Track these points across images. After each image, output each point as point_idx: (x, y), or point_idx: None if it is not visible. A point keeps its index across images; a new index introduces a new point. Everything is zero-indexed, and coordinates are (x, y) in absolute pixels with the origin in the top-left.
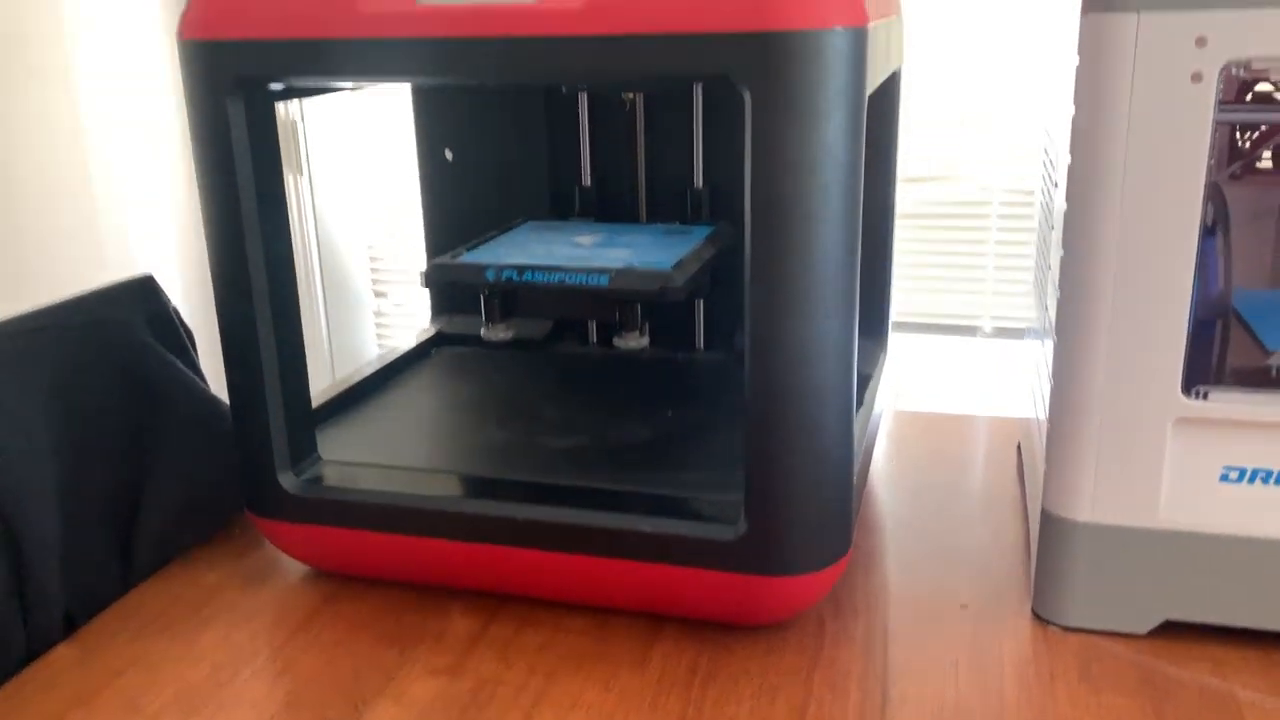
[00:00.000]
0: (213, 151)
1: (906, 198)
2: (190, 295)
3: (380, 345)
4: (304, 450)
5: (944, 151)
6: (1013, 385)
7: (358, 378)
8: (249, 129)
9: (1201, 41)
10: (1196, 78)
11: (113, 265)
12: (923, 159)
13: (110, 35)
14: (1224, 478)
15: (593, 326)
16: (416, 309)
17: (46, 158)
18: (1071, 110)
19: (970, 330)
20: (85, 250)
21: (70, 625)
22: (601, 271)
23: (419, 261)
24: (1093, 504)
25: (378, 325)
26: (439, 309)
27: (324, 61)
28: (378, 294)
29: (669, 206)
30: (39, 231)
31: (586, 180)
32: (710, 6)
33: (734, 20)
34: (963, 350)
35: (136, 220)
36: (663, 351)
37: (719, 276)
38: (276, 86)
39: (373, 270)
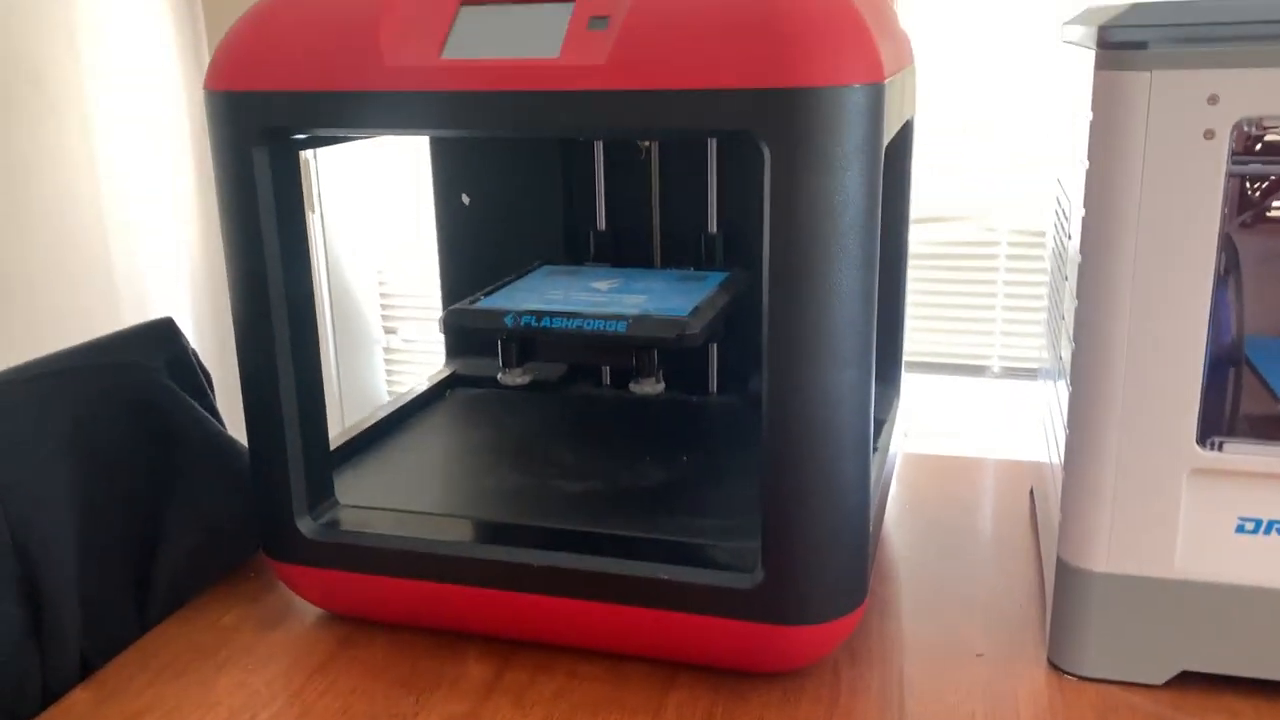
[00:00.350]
0: (237, 199)
1: (915, 238)
2: (203, 338)
3: (389, 382)
4: (322, 494)
5: (953, 192)
6: (1022, 426)
7: (373, 419)
8: (273, 177)
9: (1214, 100)
10: (1209, 134)
11: (127, 308)
12: (931, 198)
13: (127, 77)
14: (1239, 528)
15: (606, 369)
16: (427, 346)
17: (63, 195)
18: (1086, 164)
19: (979, 370)
20: (99, 292)
21: (86, 667)
22: (619, 318)
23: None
24: (1109, 554)
25: (387, 362)
26: (454, 350)
27: (349, 114)
28: (388, 330)
29: (683, 251)
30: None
31: (602, 224)
32: (731, 63)
33: (755, 77)
34: (971, 390)
35: (149, 262)
36: (677, 395)
37: (733, 321)
38: (300, 136)
39: (383, 306)
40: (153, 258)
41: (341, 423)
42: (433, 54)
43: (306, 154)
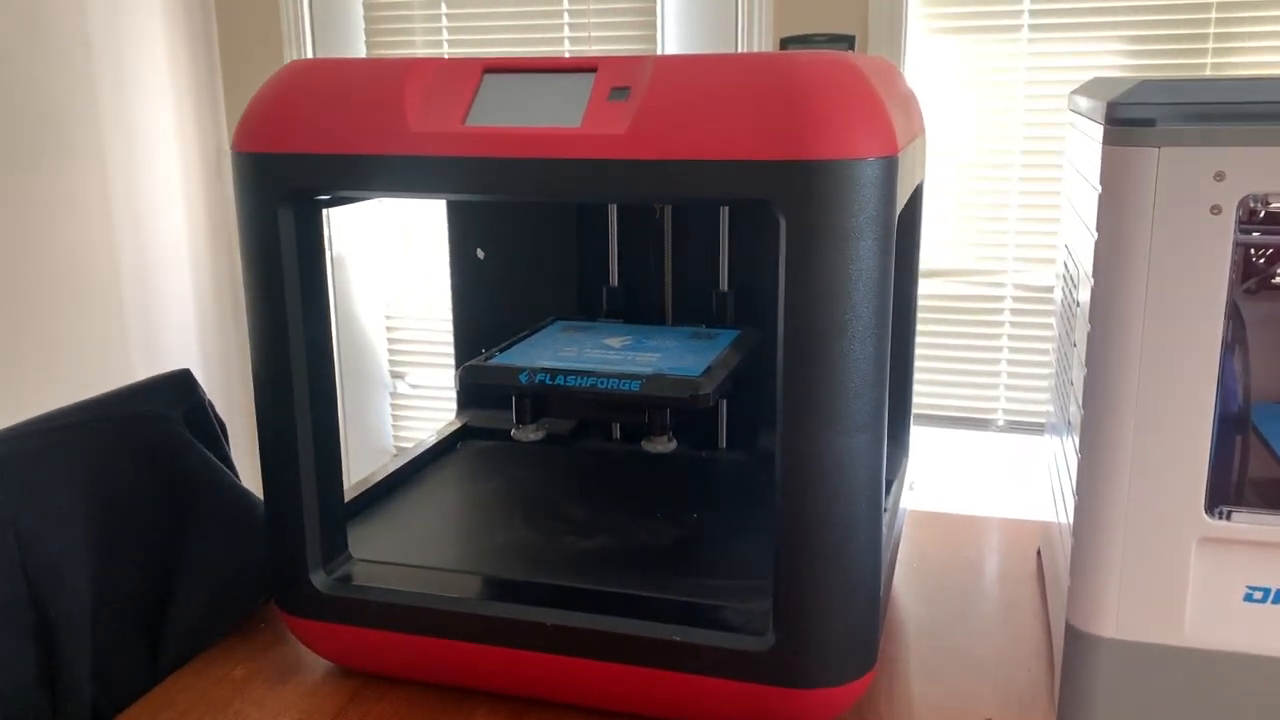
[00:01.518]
0: (261, 257)
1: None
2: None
3: (396, 427)
4: (336, 549)
5: (957, 248)
6: (1027, 480)
7: (386, 471)
8: (297, 236)
9: (1220, 176)
10: (1216, 210)
11: (137, 354)
12: (935, 252)
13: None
14: (1248, 597)
15: (617, 424)
16: (434, 391)
17: (79, 242)
18: (1094, 235)
19: (983, 424)
20: (112, 338)
21: (97, 717)
22: (632, 378)
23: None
24: (1118, 621)
25: (394, 406)
26: (465, 402)
27: (373, 177)
28: (395, 375)
29: (694, 308)
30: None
31: (614, 281)
32: (750, 135)
33: (774, 149)
34: (976, 443)
35: (161, 311)
36: (687, 450)
37: (743, 378)
38: (325, 196)
39: (390, 351)
40: (165, 307)
41: (348, 467)
42: (456, 120)
43: None
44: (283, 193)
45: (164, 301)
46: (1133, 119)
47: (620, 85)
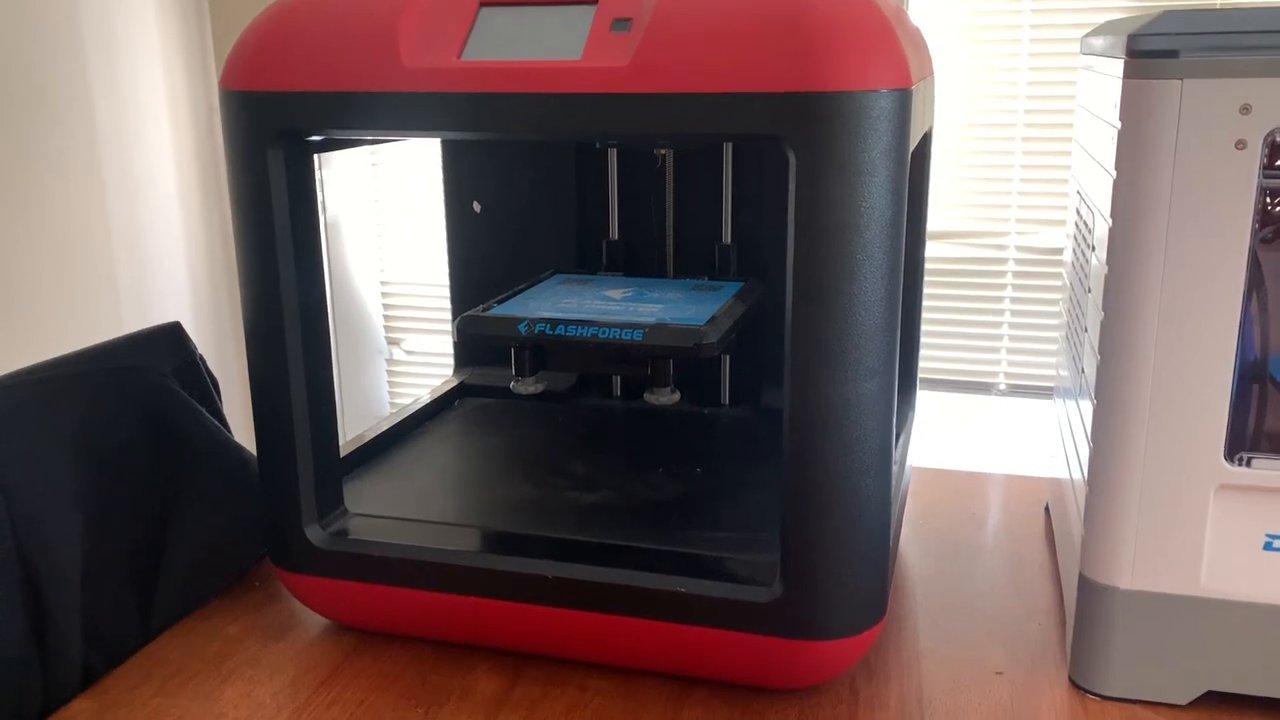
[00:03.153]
0: (251, 201)
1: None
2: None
3: (392, 394)
4: (331, 503)
5: (958, 209)
6: (1031, 444)
7: (382, 428)
8: (288, 179)
9: (1246, 109)
10: (1240, 145)
11: (129, 313)
12: (935, 213)
13: (133, 84)
14: (1268, 545)
15: (617, 380)
16: (430, 358)
17: (68, 201)
18: (1113, 174)
19: (985, 388)
20: (102, 297)
21: (89, 677)
22: (635, 327)
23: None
24: (1133, 571)
25: (390, 374)
26: (463, 360)
27: (366, 115)
28: (391, 341)
29: (696, 261)
30: (57, 277)
31: (615, 234)
32: (758, 67)
33: (782, 81)
34: (978, 407)
35: (152, 268)
36: (689, 407)
37: (746, 332)
38: (316, 138)
39: (386, 318)
40: (156, 264)
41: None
42: (452, 55)
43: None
44: (273, 132)
45: (158, 265)
46: (1155, 50)
47: (622, 16)
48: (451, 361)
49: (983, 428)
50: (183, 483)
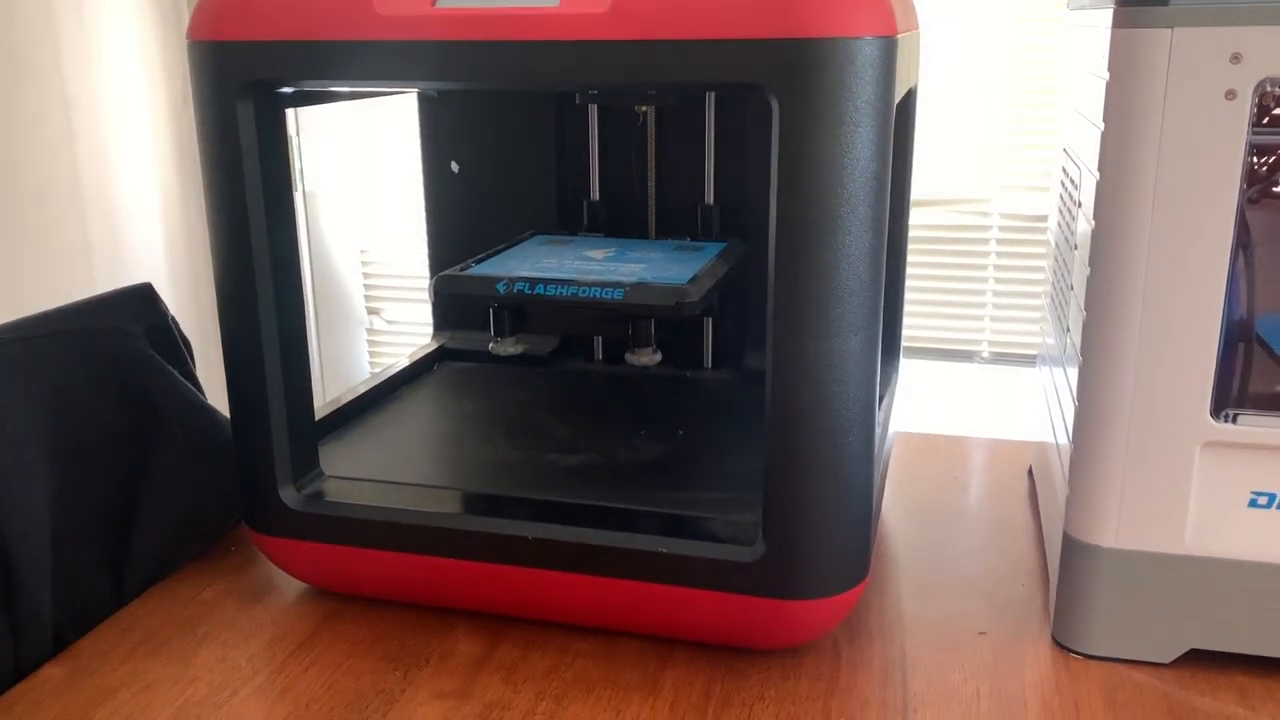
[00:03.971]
0: (221, 155)
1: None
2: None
3: (373, 364)
4: (306, 465)
5: (941, 175)
6: (1014, 411)
7: (359, 391)
8: (258, 133)
9: (1236, 58)
10: (1231, 95)
11: (101, 275)
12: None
13: (104, 41)
14: (1253, 503)
15: (598, 343)
16: (410, 328)
17: (41, 164)
18: (1100, 127)
19: (968, 356)
20: (75, 259)
21: (60, 643)
22: (616, 285)
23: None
24: (1118, 530)
25: (370, 344)
26: (441, 324)
27: (338, 65)
28: (370, 311)
29: (678, 223)
30: (30, 238)
31: (595, 194)
32: (740, 13)
33: (764, 27)
34: (960, 375)
35: (124, 229)
36: (671, 370)
37: (728, 295)
38: (287, 91)
39: (366, 287)
40: (128, 224)
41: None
42: (426, 3)
43: (289, 132)
44: (242, 84)
45: (128, 218)
46: None
47: None
48: (432, 328)
49: (966, 395)
50: (154, 445)
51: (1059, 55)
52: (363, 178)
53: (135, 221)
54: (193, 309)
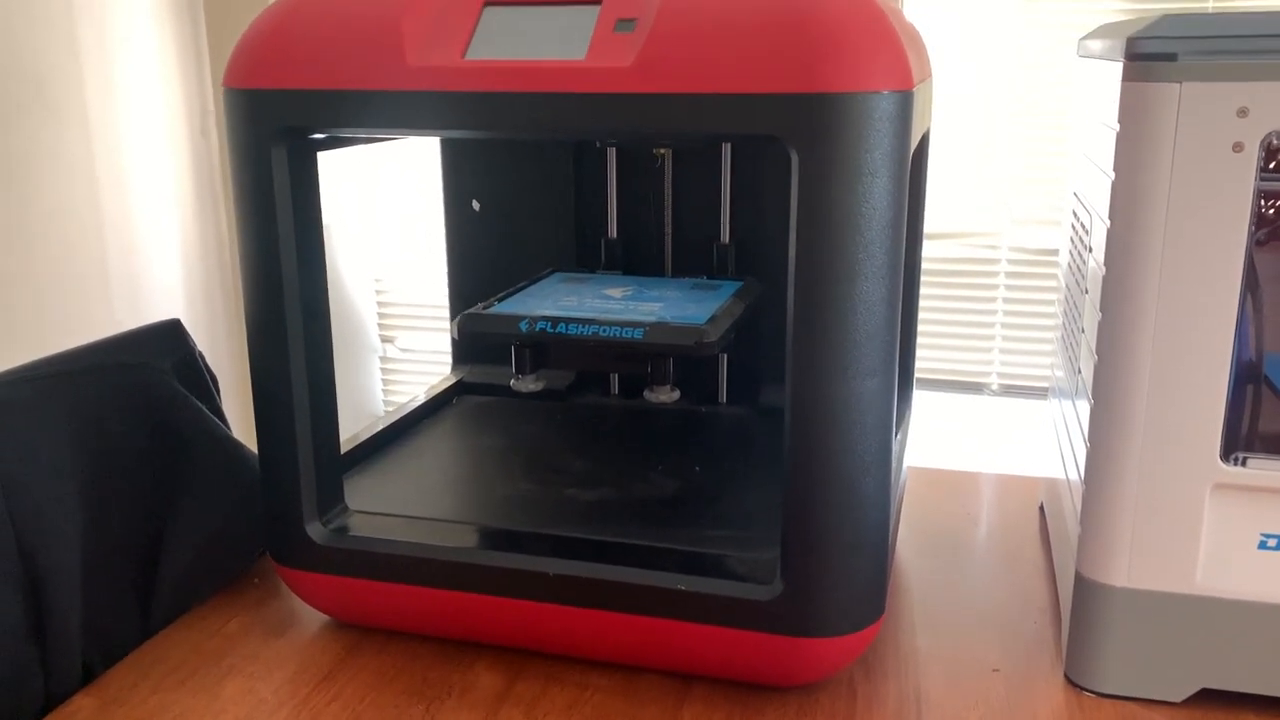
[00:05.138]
0: (254, 198)
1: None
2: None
3: (386, 392)
4: (332, 500)
5: (951, 209)
6: (1024, 443)
7: (381, 425)
8: (291, 177)
9: (1243, 112)
10: (1238, 147)
11: (121, 309)
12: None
13: (128, 82)
14: (1262, 545)
15: (615, 378)
16: (424, 356)
17: (61, 192)
18: (1111, 176)
19: (977, 388)
20: (95, 293)
21: (88, 673)
22: (636, 325)
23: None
24: (1129, 569)
25: (384, 371)
26: (460, 358)
27: (371, 113)
28: (384, 339)
29: (694, 260)
30: (51, 273)
31: (613, 232)
32: (761, 67)
33: (785, 82)
34: (970, 407)
35: (145, 264)
36: (686, 405)
37: (743, 331)
38: (319, 136)
39: (380, 315)
40: (149, 260)
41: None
42: (456, 54)
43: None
44: (276, 131)
45: (150, 261)
46: (1154, 53)
47: (626, 17)
48: (445, 358)
49: (975, 427)
50: (182, 479)
51: (1068, 90)
52: (377, 207)
53: (154, 256)
54: (209, 343)
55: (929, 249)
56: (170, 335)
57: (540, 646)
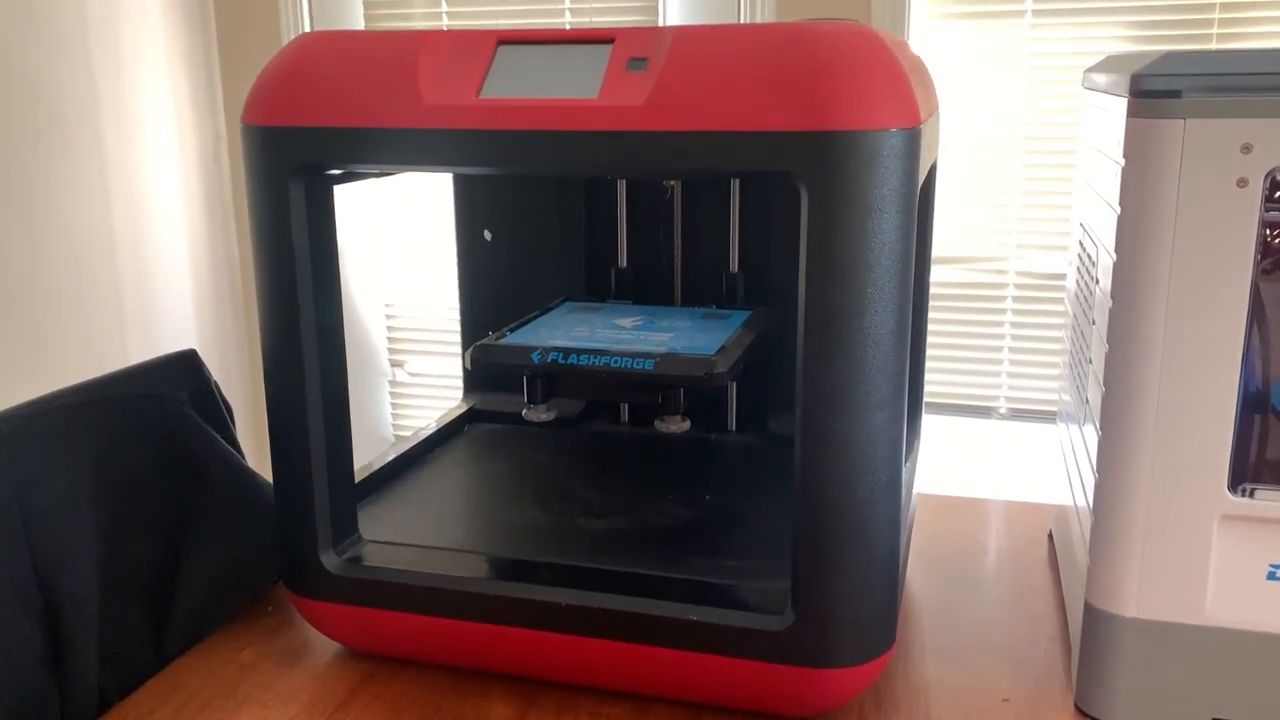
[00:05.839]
0: (272, 231)
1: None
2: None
3: (395, 416)
4: (347, 529)
5: (959, 234)
6: (1032, 468)
7: (394, 454)
8: (308, 211)
9: (1247, 149)
10: (1242, 183)
11: (133, 336)
12: (936, 238)
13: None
14: (1271, 575)
15: (624, 406)
16: (433, 380)
17: (76, 227)
18: (1116, 210)
19: (985, 412)
20: (107, 320)
21: (104, 701)
22: (647, 356)
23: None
24: (1138, 600)
25: (393, 395)
26: (471, 385)
27: (387, 150)
28: (394, 364)
29: (704, 289)
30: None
31: (623, 262)
32: (772, 106)
33: (795, 120)
34: (978, 431)
35: (157, 292)
36: (695, 433)
37: (752, 360)
38: (336, 171)
39: (389, 339)
40: (161, 288)
41: None
42: (471, 93)
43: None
44: (294, 167)
45: (162, 288)
46: (1158, 90)
47: (638, 56)
48: (453, 383)
49: (982, 451)
50: (198, 508)
51: (1073, 116)
52: (387, 231)
53: (166, 285)
54: (220, 372)
55: (937, 274)
56: (187, 366)
57: (553, 676)
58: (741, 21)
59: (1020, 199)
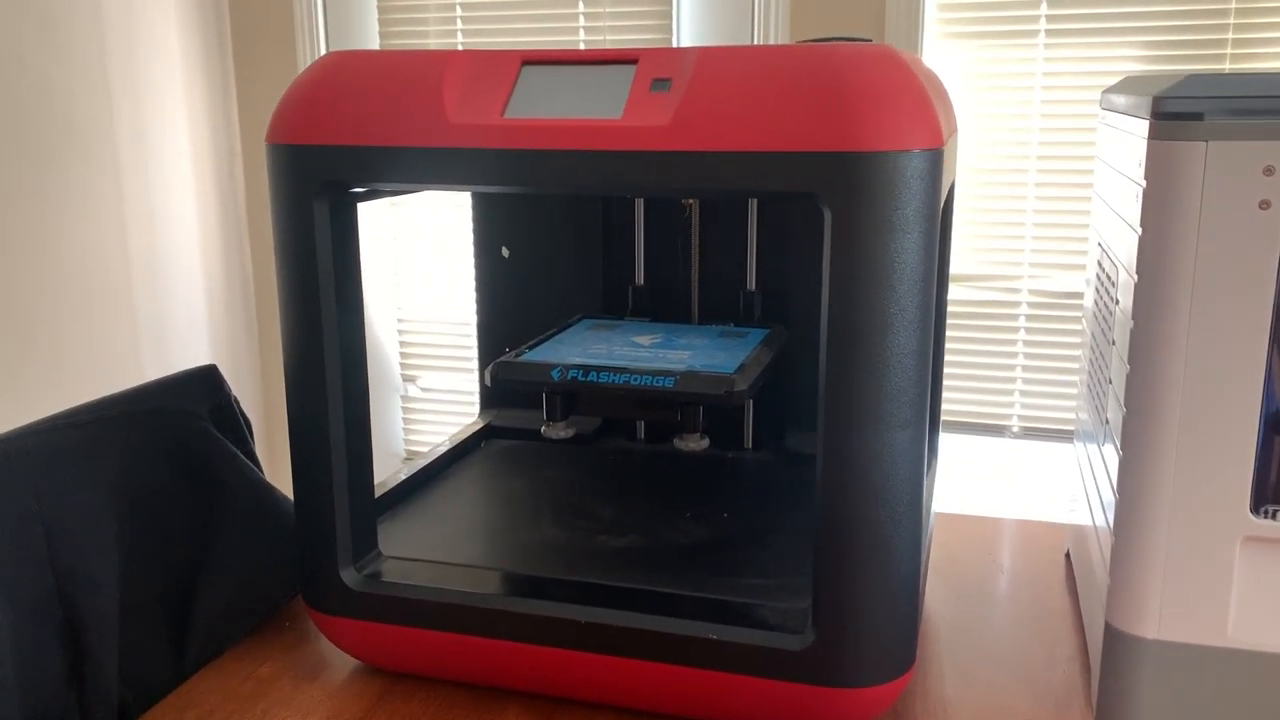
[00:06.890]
0: (296, 248)
1: None
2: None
3: (407, 431)
4: (366, 546)
5: (972, 253)
6: (1045, 486)
7: (409, 470)
8: (332, 229)
9: (1270, 171)
10: (1265, 205)
11: (146, 350)
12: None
13: (158, 128)
14: None
15: (641, 424)
16: (445, 395)
17: (91, 241)
18: (1137, 232)
19: (998, 430)
20: (121, 334)
21: (123, 716)
22: (666, 374)
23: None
24: (1160, 622)
25: (405, 410)
26: (488, 401)
27: (411, 169)
28: (406, 378)
29: (721, 307)
30: (77, 314)
31: (640, 279)
32: (796, 127)
33: (819, 141)
34: (991, 450)
35: (170, 306)
36: (712, 450)
37: (769, 378)
38: (361, 189)
39: (402, 354)
40: (175, 303)
41: None
42: (495, 112)
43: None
44: (318, 185)
45: (176, 302)
46: (1180, 113)
47: (662, 77)
48: (466, 398)
49: (997, 469)
50: (217, 522)
51: (1088, 135)
52: (401, 246)
53: (181, 300)
54: (234, 386)
55: (951, 292)
56: (207, 381)
57: (571, 694)
58: (755, 39)
59: (1034, 218)
